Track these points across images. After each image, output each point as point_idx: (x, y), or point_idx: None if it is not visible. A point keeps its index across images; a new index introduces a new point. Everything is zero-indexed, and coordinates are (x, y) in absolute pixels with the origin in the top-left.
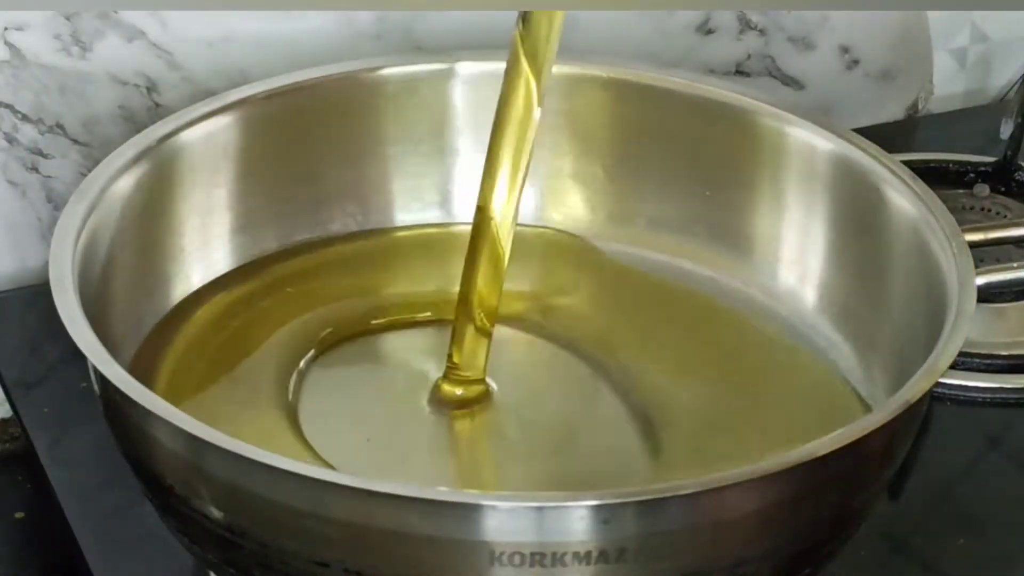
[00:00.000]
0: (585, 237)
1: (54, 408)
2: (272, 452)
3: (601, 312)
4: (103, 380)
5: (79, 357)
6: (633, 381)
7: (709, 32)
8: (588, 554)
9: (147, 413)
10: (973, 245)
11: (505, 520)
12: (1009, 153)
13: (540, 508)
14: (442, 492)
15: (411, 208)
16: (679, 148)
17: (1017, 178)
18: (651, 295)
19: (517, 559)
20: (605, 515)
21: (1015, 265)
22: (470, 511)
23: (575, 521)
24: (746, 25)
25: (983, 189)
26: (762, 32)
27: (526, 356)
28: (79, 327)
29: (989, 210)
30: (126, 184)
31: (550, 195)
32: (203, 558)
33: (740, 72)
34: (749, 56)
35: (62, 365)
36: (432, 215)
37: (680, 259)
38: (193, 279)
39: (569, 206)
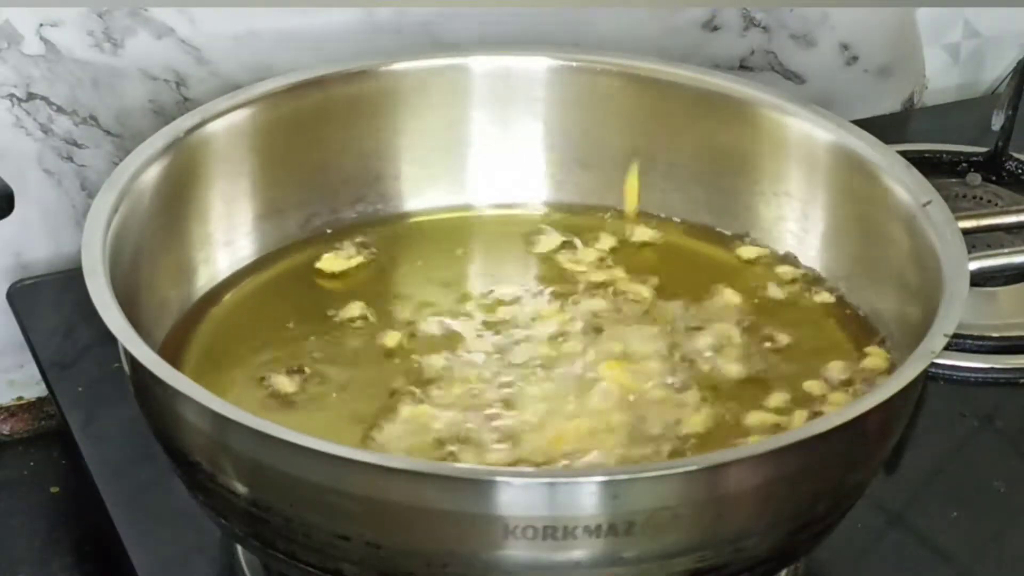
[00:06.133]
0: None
1: (87, 388)
2: (295, 431)
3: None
4: (133, 361)
5: (111, 339)
6: None
7: (715, 29)
8: (598, 528)
9: (175, 393)
10: (966, 232)
11: (518, 495)
12: (1000, 144)
13: (552, 483)
14: (457, 468)
15: (426, 196)
16: (686, 138)
17: (1008, 168)
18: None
19: (530, 532)
20: (614, 491)
21: (1006, 251)
22: (485, 487)
23: (586, 496)
24: (750, 22)
25: (975, 178)
26: (765, 29)
27: None
28: (110, 311)
29: (981, 198)
30: (155, 173)
31: (562, 181)
32: (230, 531)
33: (744, 67)
34: (753, 52)
35: (95, 347)
36: (447, 202)
37: (685, 242)
38: (219, 264)
39: (579, 192)
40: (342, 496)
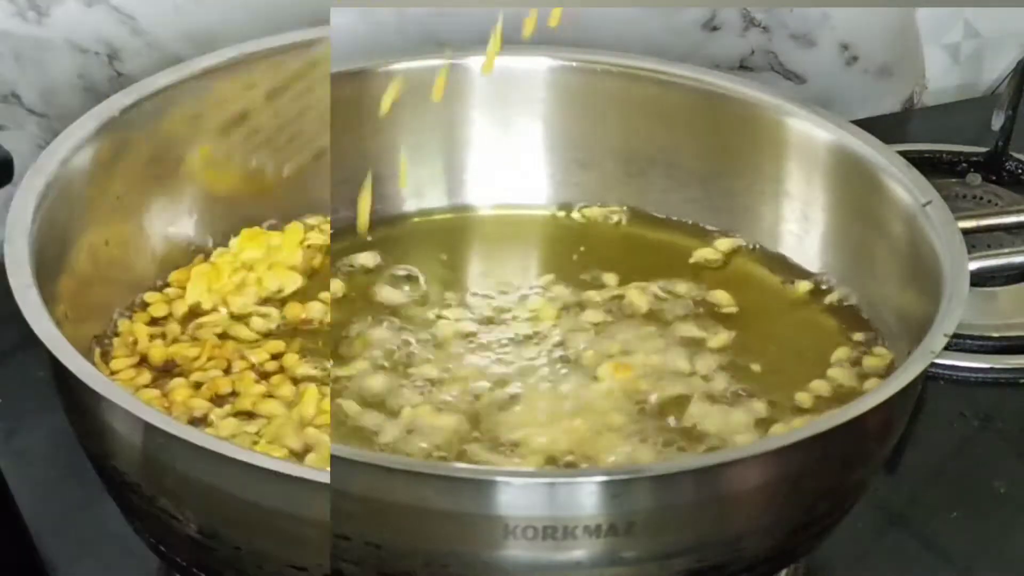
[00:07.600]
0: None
1: (9, 398)
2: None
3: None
4: (59, 367)
5: (35, 343)
6: None
7: (715, 29)
8: (598, 528)
9: (108, 403)
10: (966, 232)
11: (518, 495)
12: (1000, 144)
13: (552, 484)
14: (457, 468)
15: (426, 196)
16: (685, 138)
17: (1008, 167)
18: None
19: (530, 532)
20: (615, 490)
21: (1006, 251)
22: (485, 487)
23: (586, 496)
24: (750, 23)
25: (975, 178)
26: (765, 29)
27: None
28: (34, 310)
29: (981, 198)
30: (86, 158)
31: (562, 181)
32: (171, 561)
33: (744, 67)
34: (753, 52)
35: (18, 351)
36: (447, 202)
37: (684, 243)
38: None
39: (580, 192)
40: (300, 521)
